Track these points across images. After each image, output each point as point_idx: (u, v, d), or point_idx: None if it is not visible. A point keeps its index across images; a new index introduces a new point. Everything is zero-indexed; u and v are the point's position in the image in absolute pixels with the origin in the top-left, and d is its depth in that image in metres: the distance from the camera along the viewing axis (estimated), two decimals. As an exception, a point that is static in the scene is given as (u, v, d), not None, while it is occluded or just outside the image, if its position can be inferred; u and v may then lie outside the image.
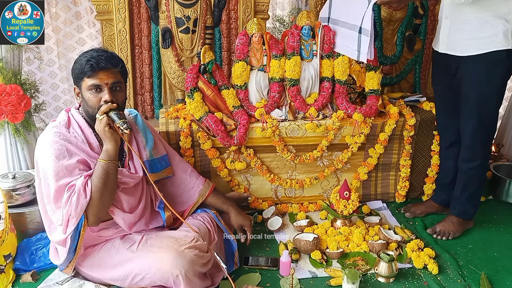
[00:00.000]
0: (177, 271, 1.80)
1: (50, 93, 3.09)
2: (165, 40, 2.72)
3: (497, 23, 2.10)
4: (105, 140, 1.83)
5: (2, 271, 2.01)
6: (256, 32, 2.50)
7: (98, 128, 1.82)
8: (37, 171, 1.88)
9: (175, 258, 1.82)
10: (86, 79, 1.83)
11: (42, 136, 1.88)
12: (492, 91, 2.22)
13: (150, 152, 2.07)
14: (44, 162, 1.81)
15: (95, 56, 1.84)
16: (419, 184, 2.85)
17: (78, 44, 3.03)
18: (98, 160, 1.83)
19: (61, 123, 1.89)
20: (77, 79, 1.87)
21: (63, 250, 1.89)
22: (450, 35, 2.24)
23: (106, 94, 1.84)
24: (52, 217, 1.85)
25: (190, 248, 1.89)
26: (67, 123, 1.90)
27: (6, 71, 2.50)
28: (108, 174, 1.82)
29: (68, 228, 1.80)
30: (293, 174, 2.70)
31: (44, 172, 1.82)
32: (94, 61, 1.82)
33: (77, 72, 1.86)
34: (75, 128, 1.90)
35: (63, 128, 1.87)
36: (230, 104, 2.54)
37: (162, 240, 1.94)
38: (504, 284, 2.12)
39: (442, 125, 2.56)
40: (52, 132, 1.85)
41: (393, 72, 3.01)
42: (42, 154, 1.83)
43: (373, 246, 2.29)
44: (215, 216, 2.22)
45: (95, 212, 1.82)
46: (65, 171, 1.79)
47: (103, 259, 1.94)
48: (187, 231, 2.01)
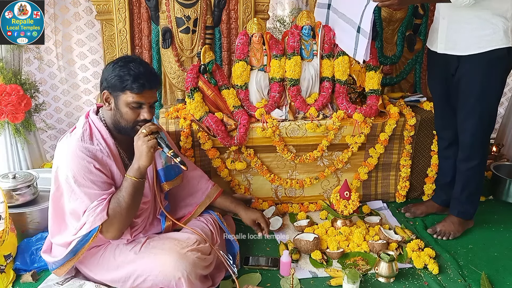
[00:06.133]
0: (180, 274, 1.80)
1: (50, 94, 3.09)
2: (165, 40, 2.72)
3: (497, 21, 2.10)
4: (141, 159, 1.80)
5: (3, 271, 2.01)
6: (256, 32, 2.50)
7: (141, 146, 1.78)
8: (56, 178, 1.82)
9: (177, 260, 1.82)
10: (129, 94, 1.80)
11: (66, 146, 1.81)
12: (492, 88, 2.22)
13: (165, 159, 2.05)
14: (69, 174, 1.77)
15: (144, 73, 1.80)
16: (419, 184, 2.85)
17: (77, 45, 3.02)
18: (129, 177, 1.81)
19: (84, 134, 1.83)
20: (116, 89, 1.81)
21: (63, 250, 1.88)
22: (448, 35, 2.24)
23: (146, 113, 1.83)
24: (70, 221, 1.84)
25: (193, 251, 1.88)
26: (90, 134, 1.85)
27: (6, 71, 2.50)
28: (139, 191, 1.84)
29: (80, 231, 1.79)
30: (293, 174, 2.69)
31: (69, 183, 1.77)
32: (145, 81, 1.79)
33: (118, 83, 1.80)
34: (98, 139, 1.85)
35: (87, 141, 1.82)
36: (230, 104, 2.54)
37: (164, 242, 1.93)
38: (504, 284, 2.12)
39: (440, 125, 2.56)
40: (78, 145, 1.79)
41: (393, 72, 3.01)
42: (67, 166, 1.78)
43: (373, 246, 2.29)
44: (217, 217, 2.21)
45: (120, 227, 1.83)
46: (91, 184, 1.78)
47: (107, 259, 1.93)
48: (190, 233, 2.01)
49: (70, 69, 3.07)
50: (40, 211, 2.28)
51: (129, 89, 1.79)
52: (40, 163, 2.82)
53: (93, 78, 3.12)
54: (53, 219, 1.89)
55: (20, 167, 2.69)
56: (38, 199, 2.37)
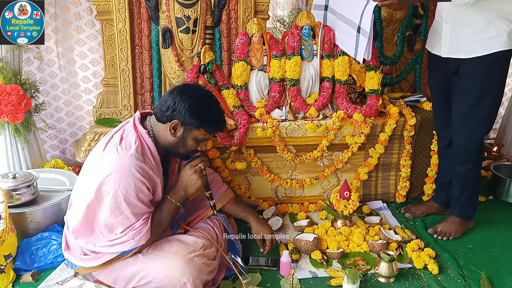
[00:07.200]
0: (185, 279, 1.80)
1: (50, 93, 3.09)
2: (165, 40, 2.72)
3: (500, 23, 2.10)
4: (190, 189, 1.96)
5: (3, 271, 2.01)
6: (256, 32, 2.50)
7: (196, 180, 1.94)
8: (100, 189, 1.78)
9: (184, 265, 1.82)
10: (203, 132, 1.90)
11: (117, 162, 1.77)
12: (492, 88, 2.23)
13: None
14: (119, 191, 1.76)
15: (222, 118, 2.00)
16: (419, 184, 2.85)
17: (77, 44, 3.03)
18: (173, 200, 1.94)
19: (137, 151, 1.81)
20: (191, 124, 1.86)
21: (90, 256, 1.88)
22: (452, 39, 2.23)
23: (205, 146, 2.01)
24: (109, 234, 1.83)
25: (199, 256, 1.89)
26: (142, 150, 1.84)
27: (6, 71, 2.50)
28: (177, 213, 2.00)
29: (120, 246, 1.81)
30: (293, 174, 2.69)
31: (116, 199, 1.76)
32: (223, 126, 2.03)
33: (196, 122, 1.86)
34: (149, 157, 1.85)
35: (141, 159, 1.81)
36: (231, 104, 2.54)
37: (172, 245, 1.92)
38: (504, 284, 2.12)
39: (440, 124, 2.56)
40: (133, 163, 1.77)
41: (393, 72, 3.00)
42: (118, 182, 1.76)
43: (373, 246, 2.29)
44: (223, 218, 2.21)
45: (153, 241, 1.90)
46: (138, 203, 1.80)
47: (112, 258, 1.91)
48: (197, 237, 2.00)
49: (70, 68, 3.07)
50: (40, 211, 2.27)
51: (206, 129, 1.89)
52: (40, 163, 2.82)
53: (93, 78, 3.12)
54: (81, 222, 1.85)
55: (20, 167, 2.69)
56: (38, 199, 2.37)
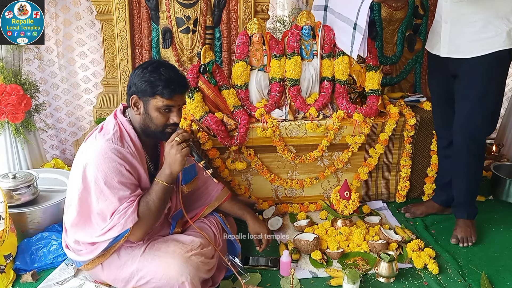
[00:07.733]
0: (183, 278, 1.80)
1: (51, 93, 3.09)
2: (166, 40, 2.72)
3: (499, 23, 2.10)
4: (173, 165, 1.83)
5: (3, 271, 2.01)
6: (256, 32, 2.50)
7: (174, 155, 1.81)
8: (84, 178, 1.79)
9: (182, 264, 1.82)
10: (159, 99, 1.81)
11: (96, 147, 1.80)
12: (492, 88, 2.23)
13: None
14: (99, 175, 1.76)
15: (174, 78, 1.82)
16: (419, 184, 2.85)
17: (77, 44, 3.03)
18: (159, 181, 1.83)
19: (115, 135, 1.82)
20: (146, 94, 1.82)
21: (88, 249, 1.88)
22: (451, 39, 2.23)
23: (176, 116, 1.85)
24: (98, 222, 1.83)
25: (197, 255, 1.88)
26: (120, 136, 1.84)
27: (6, 71, 2.50)
28: (168, 195, 1.88)
29: (109, 233, 1.79)
30: (293, 174, 2.70)
31: (98, 184, 1.77)
32: (176, 85, 1.81)
33: (148, 88, 1.80)
34: (128, 142, 1.85)
35: (118, 143, 1.81)
36: (231, 104, 2.54)
37: (169, 244, 1.92)
38: (504, 284, 2.12)
39: (440, 124, 2.56)
40: (109, 146, 1.79)
41: (394, 72, 3.01)
42: (97, 167, 1.77)
43: (373, 246, 2.29)
44: (220, 218, 2.21)
45: (146, 230, 1.85)
46: (121, 186, 1.78)
47: (111, 258, 1.91)
48: (194, 236, 1.99)
49: (70, 68, 3.07)
50: (40, 211, 2.27)
51: (159, 94, 1.80)
52: (40, 163, 2.82)
53: (93, 77, 3.12)
54: (78, 216, 1.85)
55: (20, 167, 2.69)
56: (38, 199, 2.37)
